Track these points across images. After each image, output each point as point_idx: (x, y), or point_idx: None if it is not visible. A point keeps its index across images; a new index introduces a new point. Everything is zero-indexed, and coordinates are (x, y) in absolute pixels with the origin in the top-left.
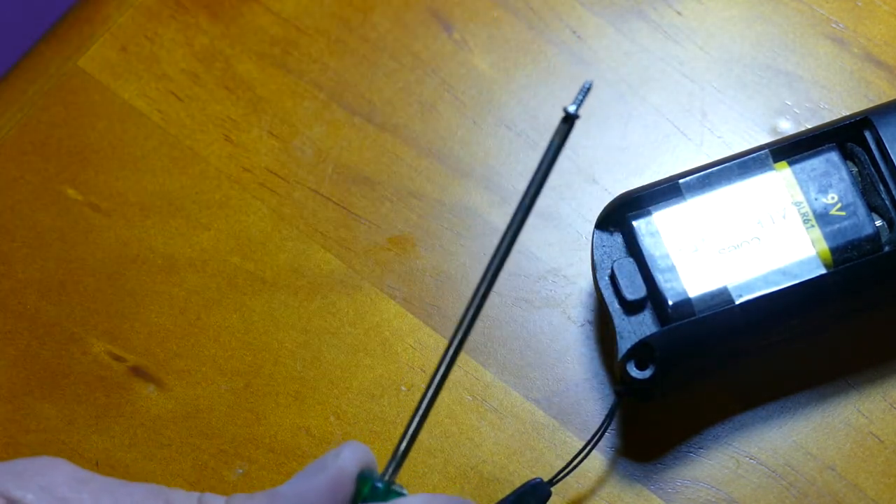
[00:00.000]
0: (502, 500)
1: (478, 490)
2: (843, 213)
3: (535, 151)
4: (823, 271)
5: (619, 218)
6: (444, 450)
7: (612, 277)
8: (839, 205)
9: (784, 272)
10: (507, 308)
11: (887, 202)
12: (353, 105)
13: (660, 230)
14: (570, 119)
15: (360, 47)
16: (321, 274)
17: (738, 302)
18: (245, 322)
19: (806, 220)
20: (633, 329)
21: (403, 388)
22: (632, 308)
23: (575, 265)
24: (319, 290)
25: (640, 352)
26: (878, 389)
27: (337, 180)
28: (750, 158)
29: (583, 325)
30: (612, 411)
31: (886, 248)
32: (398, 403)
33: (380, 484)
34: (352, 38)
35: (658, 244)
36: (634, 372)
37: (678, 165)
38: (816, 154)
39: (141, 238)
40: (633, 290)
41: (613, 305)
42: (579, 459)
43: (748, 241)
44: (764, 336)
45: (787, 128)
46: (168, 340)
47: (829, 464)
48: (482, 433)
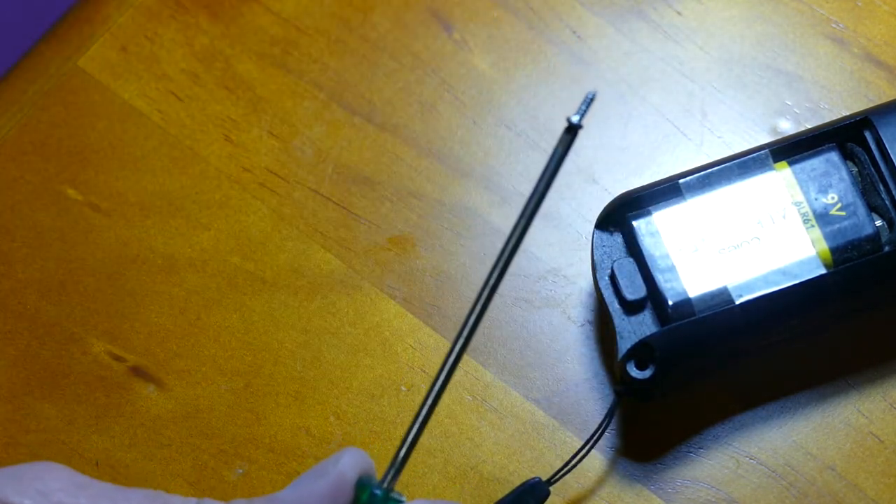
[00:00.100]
0: (501, 500)
1: (478, 490)
2: (843, 213)
3: (535, 151)
4: (823, 271)
5: (619, 218)
6: (443, 450)
7: (612, 277)
8: (839, 205)
9: (784, 272)
10: (507, 308)
11: (887, 202)
12: (353, 105)
13: (660, 230)
14: (573, 129)
15: (360, 47)
16: (321, 274)
17: (738, 302)
18: (245, 322)
19: (806, 220)
20: (633, 329)
21: (403, 388)
22: (632, 308)
23: (575, 265)
24: (319, 290)
25: (640, 352)
26: (878, 389)
27: (337, 180)
28: (750, 158)
29: (583, 325)
30: (611, 411)
31: (886, 248)
32: (398, 403)
33: (378, 491)
34: (352, 38)
35: (658, 244)
36: (634, 372)
37: (678, 165)
38: (816, 154)
39: (141, 238)
40: (633, 290)
41: (613, 305)
42: (578, 459)
43: (748, 241)
44: (764, 336)
45: (787, 128)
46: (168, 340)
47: (829, 464)
48: (482, 433)
